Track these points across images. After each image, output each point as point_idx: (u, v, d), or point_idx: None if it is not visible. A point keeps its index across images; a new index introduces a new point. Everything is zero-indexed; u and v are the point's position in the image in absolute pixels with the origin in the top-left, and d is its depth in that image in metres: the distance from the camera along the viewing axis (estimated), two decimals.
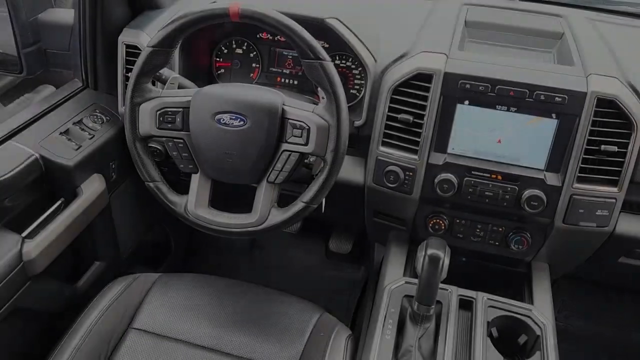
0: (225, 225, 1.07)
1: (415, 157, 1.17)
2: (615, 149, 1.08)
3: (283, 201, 1.10)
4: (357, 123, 1.25)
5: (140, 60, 1.05)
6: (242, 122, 1.03)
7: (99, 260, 1.44)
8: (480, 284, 1.23)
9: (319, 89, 1.04)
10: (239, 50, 1.41)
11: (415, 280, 1.09)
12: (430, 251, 1.02)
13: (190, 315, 1.18)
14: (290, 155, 1.03)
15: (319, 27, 1.20)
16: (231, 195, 1.26)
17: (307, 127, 1.01)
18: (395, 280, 1.23)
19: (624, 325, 1.79)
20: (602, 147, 1.08)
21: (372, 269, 1.61)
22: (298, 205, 1.05)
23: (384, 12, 1.41)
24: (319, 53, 0.98)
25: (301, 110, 1.02)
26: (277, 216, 1.06)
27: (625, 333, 1.78)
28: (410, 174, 1.19)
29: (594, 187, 1.11)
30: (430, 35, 1.25)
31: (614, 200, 1.12)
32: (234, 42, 1.41)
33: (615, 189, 1.11)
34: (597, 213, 1.13)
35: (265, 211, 1.06)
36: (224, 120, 1.03)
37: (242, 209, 1.10)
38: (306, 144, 1.02)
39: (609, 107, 1.07)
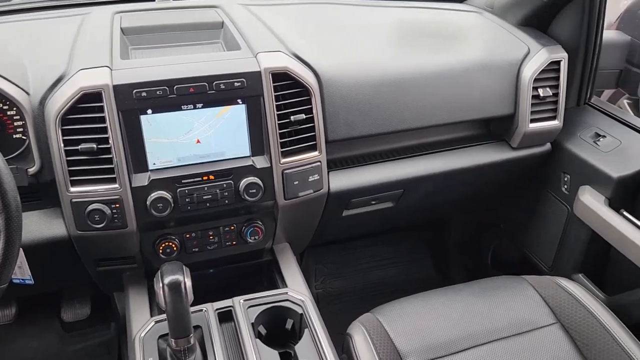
0: None
1: (116, 185, 1.03)
2: (303, 116, 1.13)
3: None
4: (32, 170, 1.04)
5: None
6: None
7: None
8: (238, 288, 1.17)
9: None
10: None
11: (165, 316, 0.96)
12: (166, 279, 0.91)
13: None
14: None
15: None
16: None
17: None
18: (143, 325, 1.08)
19: (366, 269, 1.99)
20: (292, 118, 1.12)
21: (120, 322, 1.41)
22: None
23: (25, 36, 1.21)
24: None
25: None
26: None
27: (369, 275, 1.98)
28: (117, 205, 1.04)
29: (299, 157, 1.15)
30: (86, 51, 1.11)
31: (319, 163, 1.18)
32: None
33: (316, 153, 1.17)
34: (310, 180, 1.18)
35: None
36: None
37: None
38: None
39: (284, 80, 1.11)
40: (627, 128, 1.41)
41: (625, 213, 1.29)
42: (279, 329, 1.13)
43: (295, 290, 1.17)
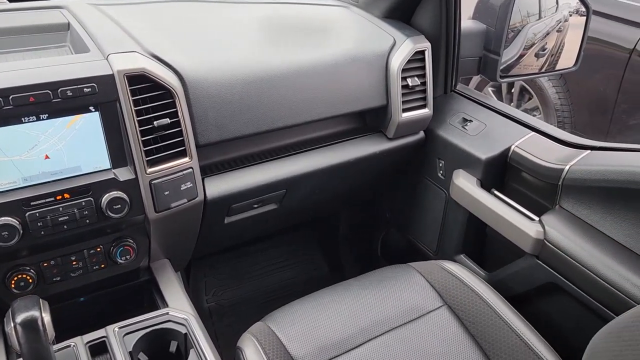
0: None
1: None
2: (167, 121, 1.04)
3: None
4: None
5: None
6: None
7: None
8: (115, 314, 1.06)
9: None
10: None
11: None
12: (18, 318, 0.79)
13: None
14: None
15: None
16: None
17: None
18: None
19: (260, 274, 1.94)
20: (155, 123, 1.03)
21: None
22: None
23: None
24: None
25: None
26: None
27: (264, 280, 1.93)
28: None
29: (167, 165, 1.07)
30: None
31: (191, 170, 1.10)
32: None
33: (186, 159, 1.09)
34: (182, 189, 1.10)
35: None
36: None
37: None
38: None
39: (142, 82, 1.02)
40: (490, 112, 1.48)
41: (495, 192, 1.35)
42: (163, 353, 1.04)
43: (177, 309, 1.08)
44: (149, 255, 1.17)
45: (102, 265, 1.10)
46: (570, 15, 1.59)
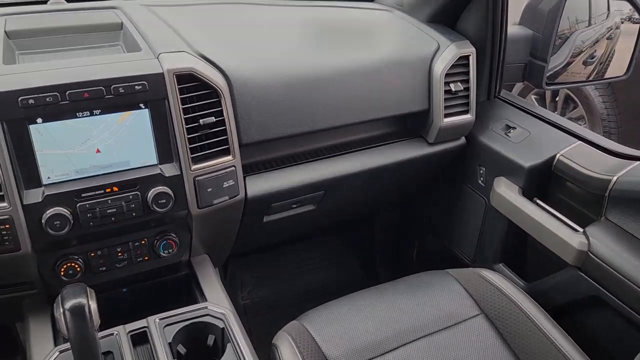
0: None
1: (4, 204, 0.93)
2: (213, 119, 1.07)
3: None
4: None
5: None
6: None
7: None
8: (156, 306, 1.09)
9: None
10: None
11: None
12: (67, 304, 0.82)
13: None
14: None
15: None
16: None
17: None
18: (46, 356, 0.97)
19: (295, 274, 1.95)
20: (201, 121, 1.06)
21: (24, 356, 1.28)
22: None
23: None
24: None
25: None
26: None
27: (298, 280, 1.94)
28: (7, 226, 0.94)
29: (211, 163, 1.09)
30: None
31: (233, 168, 1.13)
32: None
33: (230, 157, 1.11)
34: (224, 186, 1.12)
35: None
36: None
37: None
38: None
39: (190, 81, 1.05)
40: (535, 119, 1.46)
41: (538, 201, 1.33)
42: (200, 346, 1.06)
43: (216, 303, 1.11)
44: (190, 249, 1.20)
45: (146, 258, 1.13)
46: (622, 22, 1.55)
